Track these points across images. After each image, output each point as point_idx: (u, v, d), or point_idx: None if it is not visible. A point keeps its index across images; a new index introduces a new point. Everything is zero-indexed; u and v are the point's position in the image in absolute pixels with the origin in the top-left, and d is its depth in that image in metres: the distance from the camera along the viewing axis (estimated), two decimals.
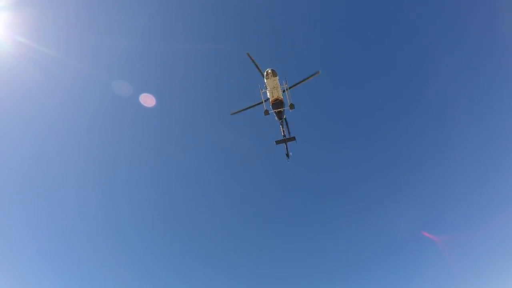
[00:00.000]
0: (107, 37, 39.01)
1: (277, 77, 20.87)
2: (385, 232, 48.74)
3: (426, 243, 45.86)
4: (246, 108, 22.53)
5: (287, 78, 21.53)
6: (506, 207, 42.71)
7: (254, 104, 22.03)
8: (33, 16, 34.49)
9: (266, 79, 20.77)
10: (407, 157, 47.82)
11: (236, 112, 22.76)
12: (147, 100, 39.40)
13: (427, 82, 44.58)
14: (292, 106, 21.73)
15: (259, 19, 42.65)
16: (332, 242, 49.82)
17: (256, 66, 19.82)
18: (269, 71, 20.51)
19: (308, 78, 20.66)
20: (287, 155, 22.86)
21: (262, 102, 21.60)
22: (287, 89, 21.17)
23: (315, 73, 20.45)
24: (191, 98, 45.92)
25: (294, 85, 21.41)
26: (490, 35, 39.70)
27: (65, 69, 38.27)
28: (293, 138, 22.75)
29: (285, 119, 22.45)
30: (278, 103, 21.75)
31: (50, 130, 41.99)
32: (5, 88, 37.01)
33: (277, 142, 22.85)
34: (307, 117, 43.45)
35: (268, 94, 21.62)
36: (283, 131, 22.83)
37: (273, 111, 21.99)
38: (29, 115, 39.72)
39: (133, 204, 48.12)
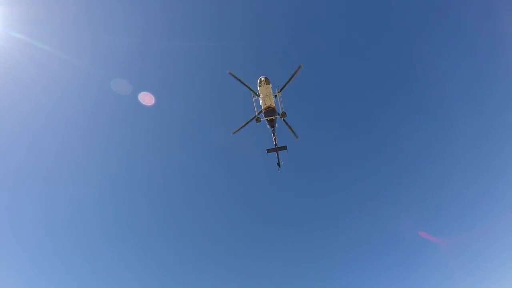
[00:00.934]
0: (105, 34, 38.73)
1: (270, 85, 20.60)
2: (380, 231, 48.67)
3: (423, 243, 46.11)
4: (244, 125, 22.43)
5: (282, 82, 21.31)
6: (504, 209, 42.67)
7: (250, 119, 21.95)
8: (29, 11, 34.12)
9: (259, 86, 20.51)
10: (404, 157, 47.58)
11: (236, 131, 22.81)
12: (146, 98, 39.12)
13: (422, 81, 44.12)
14: (284, 114, 21.44)
15: (256, 18, 42.27)
16: (327, 241, 49.95)
17: (241, 82, 19.78)
18: (262, 78, 20.23)
19: (293, 75, 20.14)
20: (278, 164, 22.59)
21: (256, 116, 21.51)
22: (279, 98, 20.97)
23: (298, 68, 19.88)
24: (191, 97, 45.60)
25: (284, 87, 20.89)
26: (485, 32, 39.40)
27: (62, 65, 37.89)
28: (285, 147, 22.46)
29: (275, 128, 22.24)
30: (270, 111, 21.49)
31: (45, 127, 41.71)
32: None
33: (269, 150, 22.56)
34: (301, 115, 42.99)
35: (260, 101, 21.38)
36: (275, 139, 22.55)
37: (265, 118, 21.75)
38: (24, 111, 39.46)
39: (130, 204, 47.93)
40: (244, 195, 50.44)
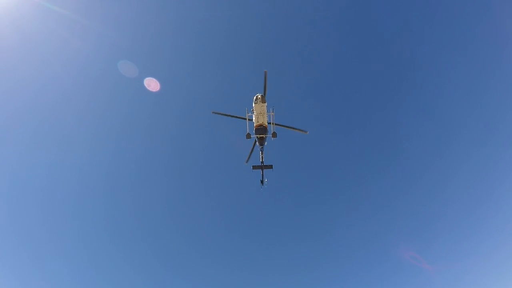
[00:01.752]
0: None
1: (265, 104, 20.45)
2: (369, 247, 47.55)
3: (413, 268, 44.88)
4: (228, 115, 22.15)
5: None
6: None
7: (237, 116, 21.78)
8: None
9: (254, 103, 20.40)
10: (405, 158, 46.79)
11: (217, 113, 22.35)
12: (152, 84, 38.79)
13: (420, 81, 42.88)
14: (274, 134, 21.38)
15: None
16: (320, 250, 48.83)
17: (265, 86, 19.28)
18: (259, 96, 20.09)
19: (294, 128, 21.84)
20: (262, 181, 22.88)
21: (245, 118, 21.34)
22: (272, 118, 20.89)
23: (303, 130, 21.66)
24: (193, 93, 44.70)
25: (280, 125, 21.66)
26: (486, 30, 38.36)
27: (74, 28, 37.56)
28: (271, 166, 22.63)
29: (262, 148, 22.34)
30: (261, 129, 21.47)
31: (54, 93, 41.46)
32: (6, 45, 36.77)
33: (254, 167, 22.75)
34: (296, 117, 42.29)
35: (253, 118, 21.29)
36: (262, 157, 22.68)
37: (255, 135, 21.78)
38: (34, 74, 39.58)
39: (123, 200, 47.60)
40: (240, 201, 48.70)
